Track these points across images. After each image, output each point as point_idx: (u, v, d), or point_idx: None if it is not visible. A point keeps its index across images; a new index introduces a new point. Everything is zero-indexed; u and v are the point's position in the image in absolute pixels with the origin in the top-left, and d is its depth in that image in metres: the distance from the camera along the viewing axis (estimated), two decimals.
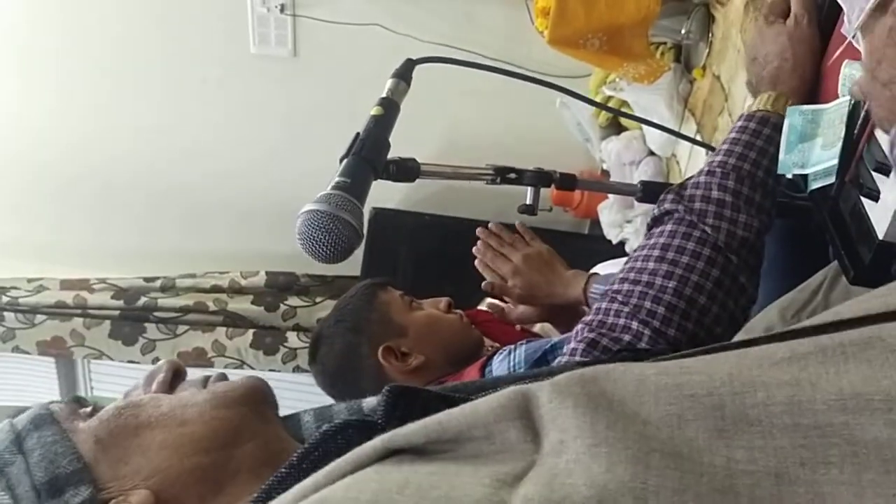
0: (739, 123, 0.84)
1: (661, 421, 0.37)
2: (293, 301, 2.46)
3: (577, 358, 0.73)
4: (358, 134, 0.86)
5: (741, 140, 0.82)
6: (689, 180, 0.81)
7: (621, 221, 2.07)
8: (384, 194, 2.22)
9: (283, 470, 0.49)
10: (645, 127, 1.96)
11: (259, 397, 0.62)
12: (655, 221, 0.80)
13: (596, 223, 2.20)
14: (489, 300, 1.52)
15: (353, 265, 2.28)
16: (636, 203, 1.99)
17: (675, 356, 0.49)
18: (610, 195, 2.09)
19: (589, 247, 2.20)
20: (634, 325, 0.72)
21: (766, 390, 0.37)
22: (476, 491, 0.36)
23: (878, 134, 0.71)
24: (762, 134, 0.82)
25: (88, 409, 0.60)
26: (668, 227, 0.78)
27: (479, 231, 1.31)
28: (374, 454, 0.42)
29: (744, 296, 0.77)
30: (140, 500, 0.53)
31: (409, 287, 1.47)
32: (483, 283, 1.30)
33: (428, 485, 0.38)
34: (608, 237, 2.12)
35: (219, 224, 2.45)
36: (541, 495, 0.35)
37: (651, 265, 0.75)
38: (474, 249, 1.31)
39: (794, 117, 0.80)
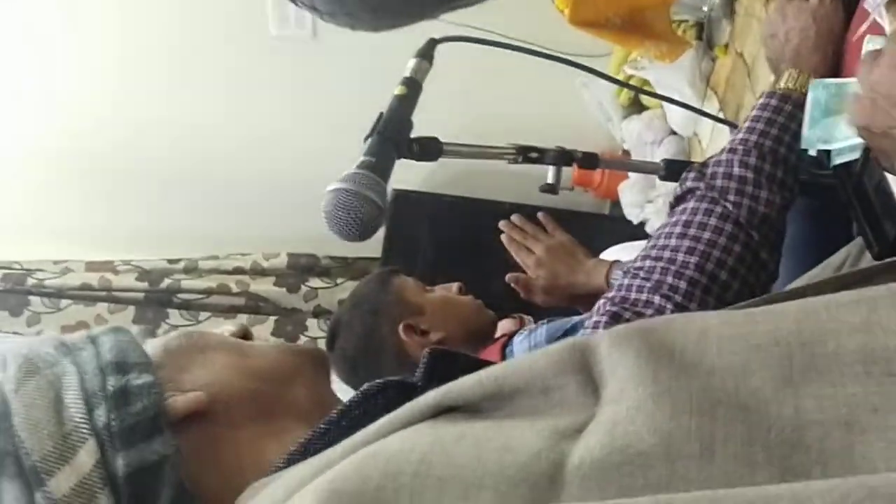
0: (761, 101, 0.84)
1: (726, 371, 0.37)
2: (314, 282, 2.47)
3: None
4: (381, 113, 0.87)
5: (763, 117, 0.82)
6: (712, 158, 0.82)
7: (642, 202, 2.06)
8: (405, 176, 2.21)
9: (322, 425, 0.50)
10: (666, 106, 1.95)
11: (319, 358, 0.65)
12: (678, 200, 0.81)
13: (617, 204, 2.19)
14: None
15: (374, 247, 2.29)
16: (657, 183, 2.00)
17: (737, 306, 0.48)
18: (631, 175, 2.08)
19: (610, 227, 2.20)
20: (657, 300, 0.73)
21: (837, 339, 0.36)
22: (534, 443, 0.36)
23: (894, 183, 0.71)
24: (784, 111, 0.82)
25: None
26: (691, 204, 0.78)
27: (501, 224, 1.33)
28: (427, 410, 0.41)
29: (764, 272, 0.78)
30: (194, 397, 0.55)
31: (430, 269, 1.50)
32: (507, 277, 1.31)
33: (485, 437, 0.37)
34: (629, 218, 2.11)
35: (240, 206, 2.46)
36: (602, 443, 0.34)
37: (673, 242, 0.76)
38: (503, 238, 1.33)
39: (818, 91, 0.80)
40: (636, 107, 2.15)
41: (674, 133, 1.98)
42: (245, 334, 0.66)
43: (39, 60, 2.29)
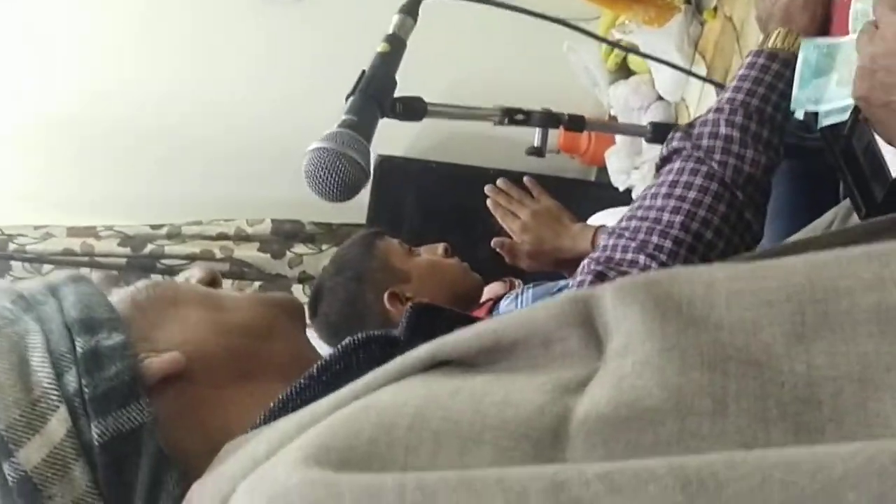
0: (748, 60, 0.83)
1: (735, 326, 0.35)
2: (299, 249, 2.46)
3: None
4: (364, 71, 0.85)
5: (750, 76, 0.81)
6: (698, 118, 0.81)
7: (629, 168, 2.05)
8: (390, 142, 2.19)
9: (301, 381, 0.48)
10: (654, 71, 1.94)
11: (295, 309, 0.62)
12: (664, 160, 0.81)
13: (603, 171, 2.18)
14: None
15: (359, 213, 2.28)
16: (644, 149, 1.99)
17: (738, 258, 0.47)
18: (618, 141, 2.07)
19: (596, 194, 2.19)
20: (642, 259, 0.73)
21: (850, 297, 0.35)
22: (536, 397, 0.34)
23: (882, 145, 0.70)
24: (771, 69, 0.81)
25: None
26: (676, 164, 0.78)
27: (487, 189, 1.31)
28: (419, 363, 0.39)
29: (749, 233, 0.77)
30: (171, 358, 0.51)
31: (415, 235, 1.48)
32: (493, 241, 1.30)
33: (483, 391, 0.35)
34: (615, 184, 2.10)
35: (223, 171, 2.43)
36: (608, 398, 0.33)
37: (659, 202, 0.75)
38: (488, 203, 1.31)
39: (809, 51, 0.79)
40: (623, 72, 2.13)
41: (661, 98, 1.96)
42: (213, 280, 0.63)
43: (22, 27, 2.24)
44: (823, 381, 0.33)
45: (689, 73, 1.33)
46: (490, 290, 1.50)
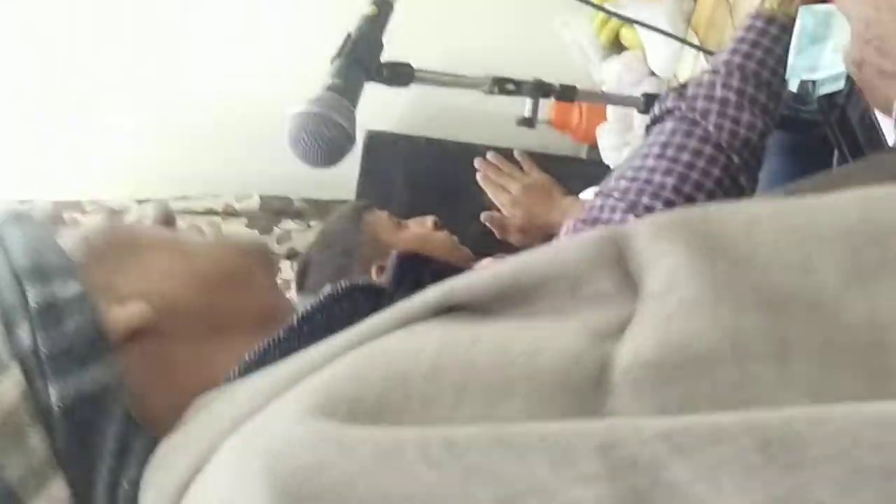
0: (746, 23, 0.82)
1: (786, 266, 0.32)
2: (287, 225, 2.43)
3: None
4: (349, 34, 0.83)
5: (747, 39, 0.79)
6: (692, 79, 0.79)
7: (620, 145, 2.04)
8: (380, 117, 2.17)
9: (281, 332, 0.44)
10: (647, 47, 1.92)
11: (265, 255, 0.57)
12: (655, 120, 0.78)
13: (594, 148, 2.16)
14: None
15: (347, 189, 2.25)
16: (635, 125, 1.97)
17: (773, 194, 0.42)
18: (610, 117, 2.05)
19: (587, 171, 2.17)
20: (631, 219, 0.71)
21: None
22: (569, 344, 0.31)
23: (879, 115, 0.69)
24: (768, 33, 0.79)
25: None
26: (669, 125, 0.76)
27: (477, 162, 1.30)
28: (426, 309, 0.35)
29: (743, 197, 0.76)
30: (137, 311, 0.45)
31: (405, 211, 1.46)
32: (482, 215, 1.29)
33: (506, 339, 0.31)
34: (606, 161, 2.08)
35: (212, 146, 2.40)
36: (655, 342, 0.29)
37: (650, 162, 0.73)
38: (478, 177, 1.30)
39: (806, 18, 0.77)
40: (616, 48, 2.11)
41: (653, 74, 1.95)
42: (167, 219, 0.57)
43: None
44: (890, 324, 0.30)
45: (686, 42, 1.32)
46: (480, 267, 1.49)
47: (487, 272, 0.36)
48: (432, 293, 0.36)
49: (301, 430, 0.30)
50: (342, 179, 2.18)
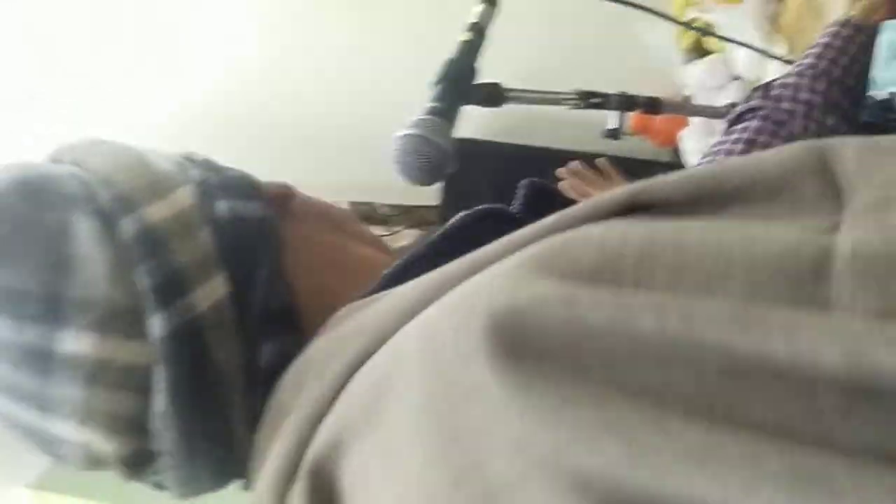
0: (832, 29, 0.82)
1: None
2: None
3: None
4: (449, 59, 0.88)
5: (833, 45, 0.80)
6: (777, 80, 0.80)
7: (703, 149, 2.03)
8: (463, 124, 2.20)
9: (422, 247, 0.45)
10: (730, 50, 1.91)
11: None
12: (739, 117, 0.79)
13: (677, 151, 2.16)
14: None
15: (432, 194, 2.31)
16: (719, 130, 1.96)
17: None
18: (692, 122, 2.04)
19: None
20: None
21: None
22: (788, 234, 0.29)
23: None
24: (855, 41, 0.80)
25: None
26: (754, 123, 0.77)
27: (560, 171, 1.33)
28: (615, 206, 0.34)
29: None
30: (282, 183, 0.56)
31: None
32: None
33: (714, 229, 0.30)
34: (689, 165, 2.08)
35: (300, 155, 2.48)
36: (883, 237, 0.28)
37: (735, 160, 0.75)
38: (561, 185, 1.33)
39: (891, 33, 0.78)
40: (699, 52, 2.10)
41: (737, 78, 1.94)
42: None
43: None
44: None
45: (765, 53, 1.32)
46: None
47: (684, 173, 0.34)
48: (621, 192, 0.35)
49: (527, 290, 0.29)
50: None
